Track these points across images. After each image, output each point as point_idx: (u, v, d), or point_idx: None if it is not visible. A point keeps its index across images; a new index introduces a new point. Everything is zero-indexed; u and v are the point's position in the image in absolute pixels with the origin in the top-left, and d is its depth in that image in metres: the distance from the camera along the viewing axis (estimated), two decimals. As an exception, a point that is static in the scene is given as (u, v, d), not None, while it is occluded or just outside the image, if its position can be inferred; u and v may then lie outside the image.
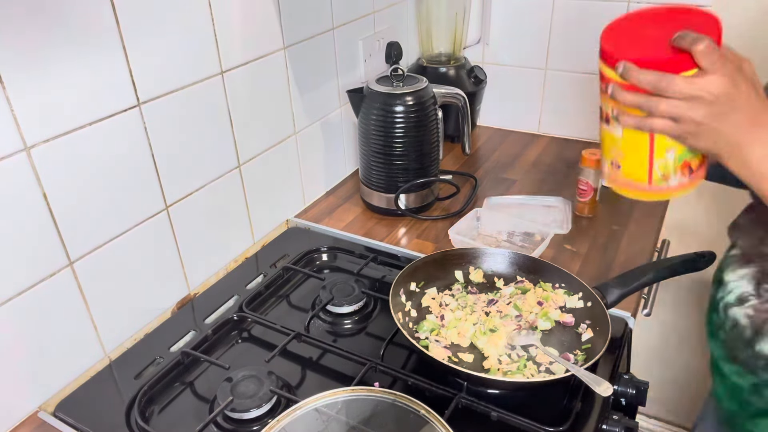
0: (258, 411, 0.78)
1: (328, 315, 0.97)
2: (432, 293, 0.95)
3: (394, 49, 1.20)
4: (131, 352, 0.91)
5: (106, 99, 0.80)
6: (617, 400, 0.83)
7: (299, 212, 1.27)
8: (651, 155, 0.67)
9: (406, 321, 0.90)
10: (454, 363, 0.81)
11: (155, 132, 0.89)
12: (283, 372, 0.85)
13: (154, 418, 0.80)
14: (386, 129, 1.16)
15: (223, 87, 0.99)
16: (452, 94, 1.22)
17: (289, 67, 1.13)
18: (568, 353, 0.83)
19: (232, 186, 1.07)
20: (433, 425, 0.67)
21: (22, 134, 0.72)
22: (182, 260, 0.99)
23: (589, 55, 1.45)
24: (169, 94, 0.90)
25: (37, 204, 0.75)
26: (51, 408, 0.82)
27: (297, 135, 1.21)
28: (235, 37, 0.99)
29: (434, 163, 1.24)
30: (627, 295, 0.90)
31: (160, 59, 0.87)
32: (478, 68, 1.54)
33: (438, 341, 0.86)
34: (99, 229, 0.84)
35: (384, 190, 1.22)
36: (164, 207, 0.94)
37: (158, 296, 0.97)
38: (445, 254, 1.00)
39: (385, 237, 1.18)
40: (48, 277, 0.79)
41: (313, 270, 1.09)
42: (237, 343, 0.93)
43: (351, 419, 0.71)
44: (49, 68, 0.73)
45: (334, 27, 1.24)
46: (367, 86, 1.18)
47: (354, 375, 0.82)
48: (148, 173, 0.90)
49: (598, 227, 1.18)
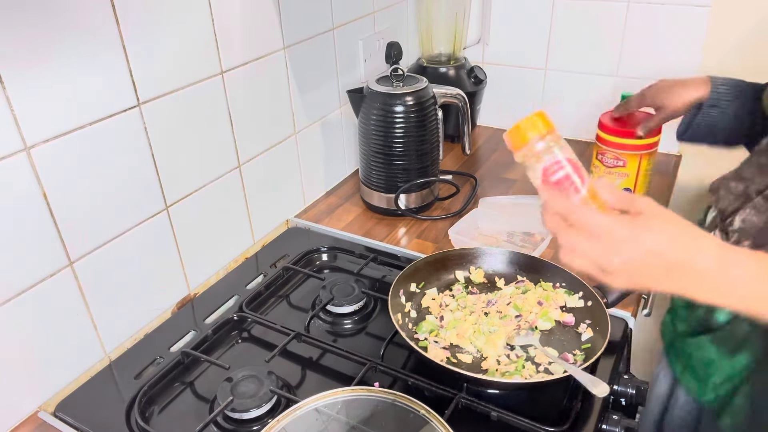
0: (258, 411, 0.78)
1: (328, 315, 0.97)
2: (432, 294, 0.95)
3: (394, 49, 1.20)
4: (131, 352, 0.91)
5: (106, 99, 0.80)
6: (617, 400, 0.83)
7: (299, 212, 1.27)
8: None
9: (405, 322, 0.90)
10: (453, 364, 0.81)
11: (155, 132, 0.89)
12: (283, 372, 0.85)
13: (154, 418, 0.80)
14: (386, 129, 1.16)
15: (223, 87, 0.99)
16: (452, 94, 1.22)
17: (289, 67, 1.13)
18: (567, 353, 0.83)
19: (232, 186, 1.07)
20: (433, 425, 0.67)
21: (22, 134, 0.72)
22: (182, 260, 0.99)
23: (589, 55, 1.45)
24: (169, 94, 0.90)
25: (37, 204, 0.75)
26: (51, 408, 0.82)
27: (297, 135, 1.21)
28: (235, 37, 0.99)
29: (434, 163, 1.24)
30: (627, 294, 0.90)
31: (160, 59, 0.87)
32: (478, 68, 1.54)
33: (437, 342, 0.86)
34: (99, 229, 0.84)
35: (384, 190, 1.22)
36: (164, 207, 0.94)
37: (158, 296, 0.97)
38: (445, 254, 1.00)
39: (385, 237, 1.18)
40: (48, 277, 0.79)
41: (313, 270, 1.09)
42: (237, 343, 0.93)
43: (351, 419, 0.71)
44: (49, 68, 0.73)
45: (334, 27, 1.24)
46: (367, 86, 1.18)
47: (354, 375, 0.82)
48: (148, 173, 0.90)
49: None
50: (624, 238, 0.56)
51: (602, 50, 1.43)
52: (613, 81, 1.45)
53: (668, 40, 1.35)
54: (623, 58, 1.42)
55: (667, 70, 1.37)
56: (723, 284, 0.56)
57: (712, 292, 0.57)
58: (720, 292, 0.56)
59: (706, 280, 0.56)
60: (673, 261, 0.55)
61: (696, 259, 0.56)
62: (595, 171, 1.20)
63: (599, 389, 0.71)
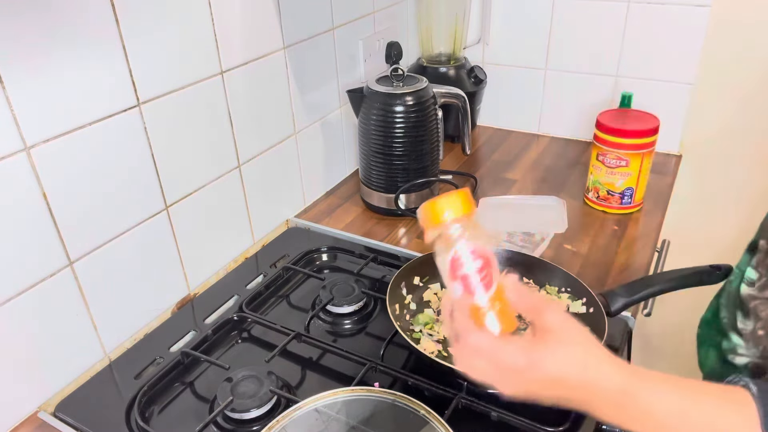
0: (258, 411, 0.78)
1: (328, 315, 0.97)
2: (435, 288, 0.95)
3: (394, 49, 1.20)
4: (131, 352, 0.91)
5: (106, 99, 0.80)
6: (617, 400, 0.83)
7: (299, 212, 1.27)
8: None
9: (402, 313, 0.91)
10: (443, 358, 0.81)
11: (155, 132, 0.89)
12: (283, 372, 0.85)
13: (154, 418, 0.80)
14: (386, 129, 1.16)
15: (223, 87, 0.99)
16: (452, 94, 1.22)
17: (289, 67, 1.13)
18: None
19: (232, 186, 1.07)
20: (433, 425, 0.67)
21: (22, 134, 0.72)
22: (182, 260, 0.99)
23: (589, 55, 1.45)
24: (169, 94, 0.90)
25: (37, 204, 0.75)
26: (51, 408, 0.82)
27: (297, 135, 1.21)
28: (235, 37, 0.99)
29: (434, 163, 1.23)
30: (632, 304, 0.88)
31: (160, 59, 0.87)
32: (478, 68, 1.54)
33: (431, 335, 0.86)
34: (99, 229, 0.84)
35: (384, 190, 1.22)
36: (164, 207, 0.94)
37: (158, 296, 0.97)
38: None
39: (385, 237, 1.18)
40: (48, 277, 0.78)
41: (313, 270, 1.09)
42: (237, 343, 0.93)
43: (351, 419, 0.71)
44: (49, 68, 0.73)
45: (334, 27, 1.24)
46: (367, 86, 1.18)
47: (354, 375, 0.82)
48: (148, 173, 0.90)
49: (598, 227, 1.18)
50: (517, 369, 0.53)
51: (602, 50, 1.43)
52: (613, 81, 1.45)
53: (668, 40, 1.35)
54: (623, 58, 1.42)
55: (667, 70, 1.38)
56: (633, 411, 0.53)
57: (621, 417, 0.53)
58: (631, 419, 0.53)
59: (611, 405, 0.53)
60: (577, 384, 0.53)
61: (601, 384, 0.52)
62: (595, 171, 1.20)
63: None
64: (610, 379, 0.53)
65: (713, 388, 0.55)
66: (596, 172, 1.20)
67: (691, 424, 0.52)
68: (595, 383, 0.53)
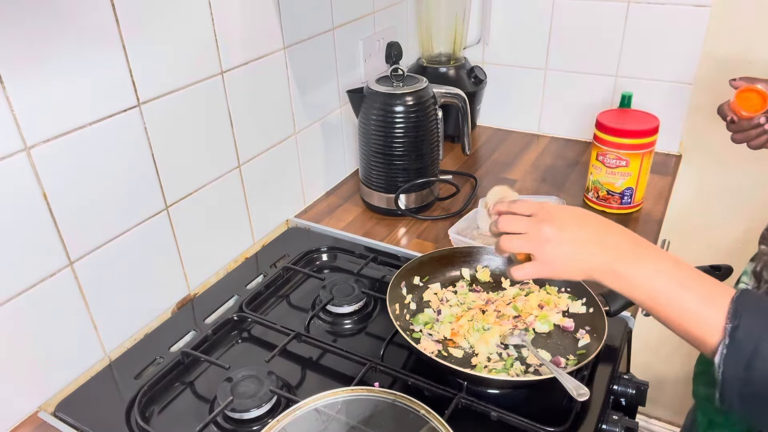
0: (258, 411, 0.78)
1: (328, 315, 0.97)
2: (435, 288, 0.95)
3: (394, 49, 1.20)
4: (131, 352, 0.91)
5: (106, 99, 0.80)
6: (617, 400, 0.83)
7: (299, 212, 1.27)
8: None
9: (402, 313, 0.91)
10: (443, 357, 0.81)
11: (155, 132, 0.89)
12: (283, 372, 0.85)
13: (154, 418, 0.80)
14: (386, 129, 1.16)
15: (223, 87, 0.99)
16: (452, 94, 1.22)
17: (289, 67, 1.13)
18: (560, 357, 0.83)
19: (232, 186, 1.07)
20: (433, 425, 0.67)
21: (22, 134, 0.72)
22: (182, 260, 0.99)
23: (589, 55, 1.45)
24: (169, 94, 0.90)
25: (37, 204, 0.75)
26: (51, 408, 0.82)
27: (297, 135, 1.21)
28: (235, 37, 0.99)
29: (434, 163, 1.24)
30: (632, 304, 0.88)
31: (160, 59, 0.87)
32: (478, 68, 1.54)
33: (431, 335, 0.86)
34: (99, 229, 0.84)
35: (384, 190, 1.22)
36: (164, 207, 0.94)
37: (158, 296, 0.97)
38: (453, 251, 1.00)
39: (385, 237, 1.18)
40: (48, 277, 0.79)
41: (313, 270, 1.09)
42: (237, 343, 0.93)
43: (351, 419, 0.71)
44: (49, 68, 0.73)
45: (334, 27, 1.24)
46: (367, 86, 1.18)
47: (354, 375, 0.82)
48: (148, 173, 0.90)
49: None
50: (598, 217, 0.69)
51: (602, 50, 1.43)
52: (613, 81, 1.45)
53: (668, 40, 1.35)
54: (623, 58, 1.42)
55: (667, 70, 1.38)
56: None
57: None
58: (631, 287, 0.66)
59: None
60: (636, 242, 0.68)
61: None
62: (595, 171, 1.20)
63: (578, 393, 0.71)
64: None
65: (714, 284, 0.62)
66: (596, 172, 1.20)
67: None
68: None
